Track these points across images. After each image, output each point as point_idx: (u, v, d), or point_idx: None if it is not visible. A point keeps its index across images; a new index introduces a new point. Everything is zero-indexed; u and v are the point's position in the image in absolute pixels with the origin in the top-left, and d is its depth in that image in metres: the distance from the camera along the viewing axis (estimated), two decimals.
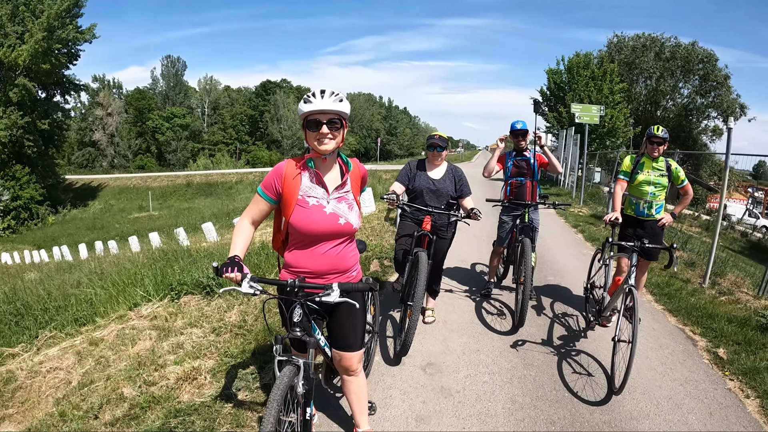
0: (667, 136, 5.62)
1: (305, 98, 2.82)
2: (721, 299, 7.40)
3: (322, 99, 2.78)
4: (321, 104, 2.77)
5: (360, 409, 3.47)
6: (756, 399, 4.59)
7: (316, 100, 2.78)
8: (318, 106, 2.77)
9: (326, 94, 2.80)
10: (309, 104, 2.78)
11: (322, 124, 2.80)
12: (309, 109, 2.78)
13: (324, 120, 2.80)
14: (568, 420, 4.10)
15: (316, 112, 2.79)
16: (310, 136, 2.85)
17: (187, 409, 3.96)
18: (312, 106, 2.77)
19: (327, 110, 2.79)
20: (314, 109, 2.78)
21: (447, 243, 5.63)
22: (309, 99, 2.80)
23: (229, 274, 2.70)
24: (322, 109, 2.78)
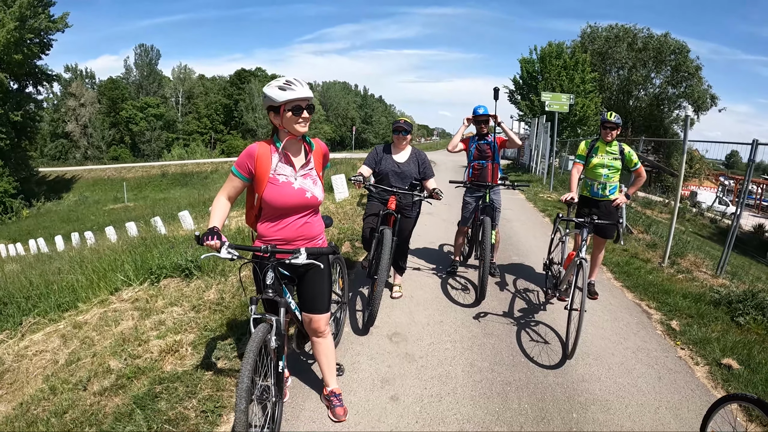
0: (619, 122, 6.03)
1: (281, 86, 3.12)
2: (679, 277, 7.88)
3: (302, 87, 3.13)
4: (302, 92, 3.11)
5: (329, 370, 3.84)
6: (705, 366, 5.00)
7: (297, 88, 3.11)
8: (300, 93, 3.11)
9: (302, 83, 3.15)
10: (291, 92, 3.10)
11: (302, 109, 3.15)
12: (292, 96, 3.10)
13: (304, 105, 3.15)
14: (524, 381, 4.49)
15: (298, 99, 3.13)
16: (290, 119, 3.17)
17: (171, 378, 4.25)
18: (296, 94, 3.10)
19: (306, 97, 3.14)
20: (297, 96, 3.10)
21: (412, 222, 6.01)
22: (289, 87, 3.12)
23: (209, 242, 3.03)
24: (303, 96, 3.12)
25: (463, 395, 4.21)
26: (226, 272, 7.01)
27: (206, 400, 3.93)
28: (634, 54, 47.78)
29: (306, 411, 3.86)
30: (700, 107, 48.13)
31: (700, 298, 6.83)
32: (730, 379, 4.71)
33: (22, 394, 4.83)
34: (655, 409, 4.19)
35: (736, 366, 4.95)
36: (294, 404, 3.93)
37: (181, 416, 3.73)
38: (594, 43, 48.06)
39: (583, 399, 4.28)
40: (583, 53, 35.96)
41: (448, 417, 3.89)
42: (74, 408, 4.01)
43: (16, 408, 4.50)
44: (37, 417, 4.05)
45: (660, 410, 4.17)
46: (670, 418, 4.07)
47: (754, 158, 7.96)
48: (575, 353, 4.80)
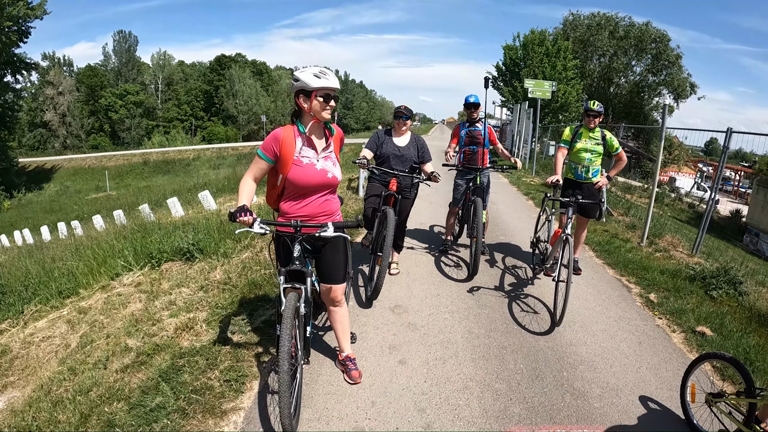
0: (602, 110, 6.38)
1: (316, 74, 3.41)
2: (657, 255, 8.33)
3: (334, 78, 3.46)
4: (334, 82, 3.44)
5: (344, 336, 4.17)
6: (681, 333, 5.46)
7: (331, 78, 3.43)
8: (333, 83, 3.43)
9: (333, 75, 3.47)
10: (325, 80, 3.40)
11: (331, 98, 3.46)
12: (325, 85, 3.41)
13: (333, 94, 3.47)
14: (517, 345, 4.90)
15: (329, 89, 3.44)
16: (319, 105, 3.47)
17: (190, 352, 4.49)
18: (328, 83, 3.41)
19: (336, 87, 3.46)
20: (330, 85, 3.42)
21: (410, 202, 6.39)
22: (323, 76, 3.42)
23: (243, 218, 3.31)
24: (334, 87, 3.44)
25: (464, 358, 4.59)
26: (228, 254, 7.24)
27: (228, 370, 4.19)
28: (616, 42, 48.30)
29: (323, 375, 4.19)
30: (679, 95, 48.82)
31: (676, 274, 7.28)
32: (704, 345, 5.15)
33: (38, 378, 4.93)
34: (636, 368, 4.62)
35: (709, 333, 5.40)
36: (311, 370, 4.24)
37: (206, 386, 3.99)
38: (576, 31, 48.49)
39: (572, 360, 4.69)
40: (565, 41, 36.32)
41: (452, 376, 4.27)
42: (98, 386, 4.16)
43: (36, 390, 4.58)
44: (62, 396, 4.17)
45: (641, 369, 4.60)
46: (650, 376, 4.50)
47: (728, 146, 8.38)
48: (563, 321, 5.23)
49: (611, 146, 6.58)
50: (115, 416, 3.64)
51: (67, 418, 3.76)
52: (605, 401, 4.06)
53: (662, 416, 3.96)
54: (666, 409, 4.04)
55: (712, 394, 3.69)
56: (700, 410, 3.77)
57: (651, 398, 4.16)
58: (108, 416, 3.67)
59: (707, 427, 3.70)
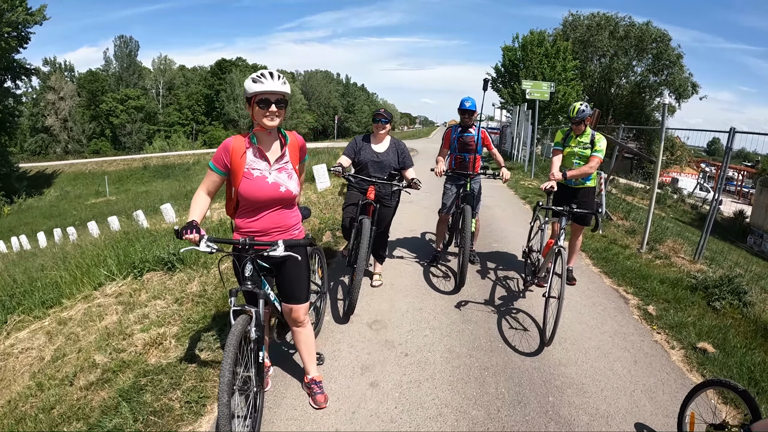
0: (584, 115, 6.09)
1: (254, 78, 3.19)
2: (657, 263, 8.04)
3: (272, 80, 3.17)
4: (271, 85, 3.15)
5: (309, 358, 3.94)
6: (681, 350, 5.13)
7: (267, 81, 3.16)
8: (269, 87, 3.15)
9: (275, 77, 3.19)
10: (260, 84, 3.15)
11: (271, 103, 3.19)
12: (260, 89, 3.15)
13: (273, 99, 3.19)
14: (501, 366, 4.61)
15: (267, 92, 3.17)
16: (259, 113, 3.22)
17: (155, 370, 4.31)
18: (263, 87, 3.15)
19: (276, 91, 3.18)
20: (265, 89, 3.15)
21: (391, 211, 6.10)
22: (259, 79, 3.17)
23: (188, 236, 3.10)
24: (272, 90, 3.16)
25: (441, 380, 4.31)
26: (208, 265, 7.06)
27: (190, 390, 4.00)
28: (616, 42, 48.20)
29: (287, 399, 3.95)
30: (681, 95, 48.73)
31: (677, 283, 6.96)
32: (705, 363, 4.82)
33: (10, 392, 4.87)
34: (630, 392, 4.30)
35: (711, 350, 5.06)
36: (276, 393, 4.01)
37: (166, 407, 3.80)
38: (576, 31, 48.37)
39: (560, 383, 4.39)
40: (565, 41, 36.11)
41: (426, 402, 3.99)
42: (61, 403, 4.06)
43: (4, 406, 4.53)
44: (26, 414, 4.10)
45: (635, 393, 4.29)
46: (645, 400, 4.18)
47: (731, 146, 8.11)
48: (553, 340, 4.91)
49: (593, 147, 6.24)
50: None
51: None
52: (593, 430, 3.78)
53: None
54: None
55: (714, 425, 3.37)
56: None
57: (645, 426, 3.87)
58: None
59: None
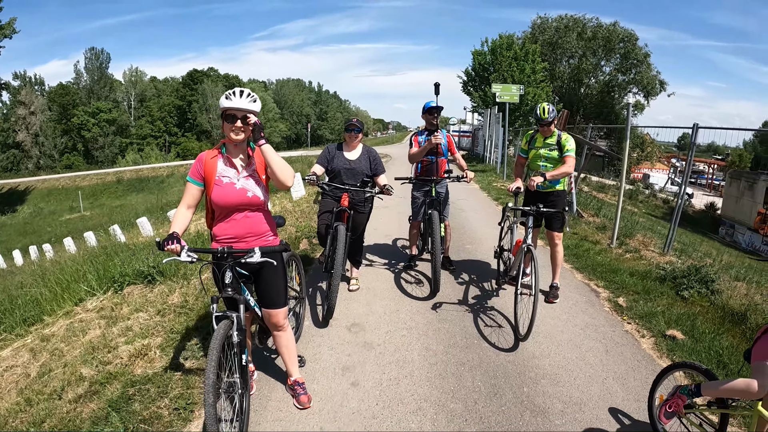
0: (552, 117, 6.11)
1: (226, 95, 3.43)
2: (627, 257, 8.32)
3: (240, 98, 3.40)
4: (238, 103, 3.39)
5: (291, 360, 4.11)
6: (651, 338, 5.39)
7: (234, 98, 3.40)
8: (235, 104, 3.39)
9: (243, 95, 3.42)
10: (229, 101, 3.40)
11: (237, 119, 3.42)
12: (228, 105, 3.41)
13: (239, 116, 3.42)
14: (477, 361, 4.81)
15: (234, 109, 3.40)
16: (226, 126, 3.47)
17: (142, 380, 4.42)
18: (231, 104, 3.39)
19: (242, 108, 3.40)
20: (232, 106, 3.39)
21: (365, 217, 6.30)
22: (229, 96, 3.41)
23: (169, 246, 3.27)
24: (238, 107, 3.40)
25: (419, 377, 4.50)
26: (188, 276, 7.15)
27: (178, 398, 4.13)
28: (584, 43, 49.06)
29: (272, 401, 4.10)
30: (649, 93, 49.74)
31: (646, 275, 7.25)
32: (675, 349, 5.06)
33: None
34: (602, 379, 4.52)
35: (680, 336, 5.33)
36: (261, 396, 4.16)
37: (155, 415, 3.92)
38: (544, 34, 49.13)
39: (534, 374, 4.60)
40: (534, 44, 36.66)
41: (406, 398, 4.18)
42: (51, 417, 4.12)
43: None
44: (17, 429, 4.15)
45: (607, 380, 4.51)
46: (617, 387, 4.40)
47: (695, 141, 8.42)
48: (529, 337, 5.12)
49: (562, 148, 6.21)
50: None
51: None
52: (567, 417, 3.98)
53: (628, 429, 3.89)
54: (634, 422, 3.96)
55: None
56: (670, 423, 3.67)
57: (617, 410, 4.08)
58: None
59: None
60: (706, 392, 3.23)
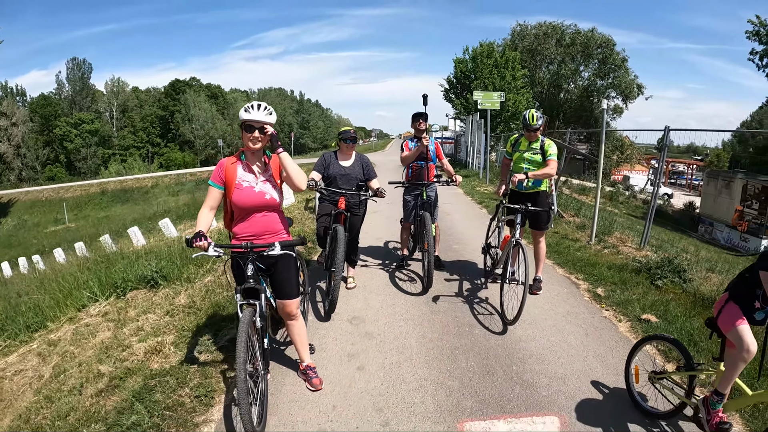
0: (539, 125, 6.53)
1: (245, 108, 3.87)
2: (605, 252, 8.82)
3: (258, 111, 3.83)
4: (256, 116, 3.82)
5: (303, 347, 4.51)
6: (627, 322, 5.90)
7: (253, 111, 3.83)
8: (254, 116, 3.82)
9: (261, 108, 3.86)
10: (248, 114, 3.82)
11: (255, 129, 3.85)
12: (247, 118, 3.83)
13: (257, 126, 3.85)
14: (469, 345, 5.28)
15: (252, 121, 3.83)
16: (245, 136, 3.89)
17: (161, 373, 4.74)
18: (249, 116, 3.82)
19: (259, 120, 3.83)
20: (251, 118, 3.82)
21: (360, 219, 6.74)
22: (248, 110, 3.84)
23: (198, 243, 3.69)
24: (256, 119, 3.82)
25: (418, 360, 4.94)
26: (191, 279, 7.49)
27: (197, 387, 4.47)
28: (563, 49, 50.09)
29: (286, 386, 4.49)
30: (627, 96, 50.85)
31: (623, 267, 7.76)
32: (649, 331, 5.54)
33: (15, 409, 5.04)
34: (583, 358, 5.01)
35: (654, 320, 5.84)
36: (275, 381, 4.54)
37: (178, 403, 4.26)
38: (524, 41, 50.08)
39: (521, 355, 5.07)
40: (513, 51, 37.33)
41: (408, 378, 4.61)
42: (75, 411, 4.36)
43: (15, 419, 4.73)
44: (41, 423, 4.36)
45: (588, 358, 4.99)
46: (597, 364, 4.89)
47: (667, 143, 8.92)
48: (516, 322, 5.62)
49: (545, 153, 6.56)
50: None
51: None
52: (553, 389, 4.43)
53: (608, 398, 4.34)
54: (612, 391, 4.41)
55: (655, 373, 4.10)
56: (645, 389, 4.19)
57: (598, 383, 4.54)
58: None
59: (651, 404, 4.11)
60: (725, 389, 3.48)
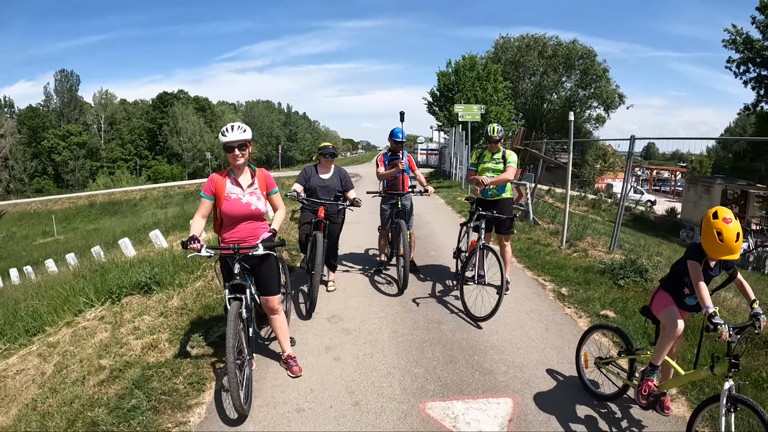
0: (501, 136, 7.15)
1: (222, 132, 4.41)
2: (574, 256, 9.44)
3: (232, 132, 4.38)
4: (231, 136, 4.37)
5: (284, 339, 5.08)
6: (587, 318, 6.49)
7: (228, 133, 4.37)
8: (229, 137, 4.37)
9: (234, 129, 4.41)
10: (226, 137, 4.37)
11: (234, 148, 4.40)
12: (225, 140, 4.38)
13: (235, 145, 4.40)
14: (436, 339, 5.86)
15: (229, 142, 4.38)
16: (228, 156, 4.46)
17: (157, 365, 5.25)
18: (227, 138, 4.37)
19: (235, 140, 4.38)
20: (228, 140, 4.37)
21: (338, 227, 7.36)
22: (224, 133, 4.38)
23: (192, 245, 4.24)
24: (232, 140, 4.37)
25: (389, 352, 5.53)
26: (183, 284, 7.94)
27: (190, 375, 5.00)
28: (545, 61, 51.08)
29: (270, 374, 5.05)
30: (609, 106, 51.80)
31: (589, 269, 8.37)
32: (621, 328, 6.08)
33: (21, 401, 5.42)
34: (541, 349, 5.60)
35: (612, 315, 6.43)
36: (260, 370, 5.08)
37: (173, 389, 4.78)
38: (507, 53, 51.00)
39: (483, 347, 5.65)
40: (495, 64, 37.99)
41: (378, 366, 5.19)
42: (79, 398, 4.81)
43: (22, 409, 5.13)
44: (48, 410, 4.80)
45: (546, 350, 5.58)
46: (553, 354, 5.47)
47: (632, 151, 9.54)
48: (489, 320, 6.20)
49: (506, 161, 7.11)
50: (98, 418, 4.35)
51: (55, 424, 4.42)
52: (510, 375, 5.00)
53: (561, 383, 4.90)
54: (566, 378, 4.97)
55: (600, 359, 4.68)
56: (593, 374, 4.75)
57: (553, 371, 5.11)
58: (92, 419, 4.36)
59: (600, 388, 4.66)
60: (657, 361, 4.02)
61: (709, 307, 3.46)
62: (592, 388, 4.69)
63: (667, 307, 3.95)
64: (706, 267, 3.71)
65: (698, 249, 3.69)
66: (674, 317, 3.87)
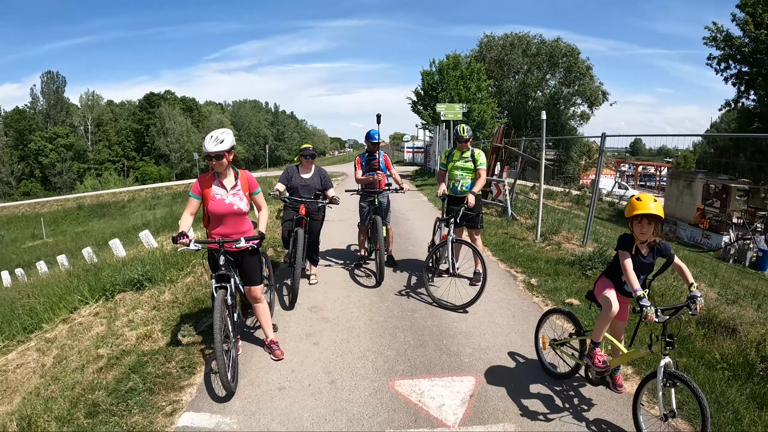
0: (470, 136, 7.61)
1: (205, 142, 4.82)
2: (547, 249, 9.92)
3: (209, 144, 4.79)
4: (209, 148, 4.78)
5: (267, 325, 5.58)
6: (553, 306, 6.86)
7: (207, 144, 4.78)
8: (207, 149, 4.79)
9: (211, 140, 4.81)
10: (204, 148, 4.80)
11: (212, 158, 4.84)
12: (205, 152, 4.81)
13: (212, 155, 4.82)
14: (408, 325, 6.35)
15: (207, 153, 4.82)
16: (208, 163, 4.89)
17: (151, 353, 5.71)
18: (205, 149, 4.79)
19: (211, 152, 4.80)
20: (206, 150, 4.80)
21: (319, 223, 7.84)
22: (205, 143, 4.79)
23: (182, 240, 4.69)
24: (209, 151, 4.80)
25: (364, 337, 6.03)
26: (174, 280, 8.40)
27: (182, 361, 5.46)
28: (529, 59, 51.77)
29: (254, 358, 5.52)
30: (593, 103, 52.52)
31: (560, 261, 8.87)
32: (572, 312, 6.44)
33: (23, 391, 5.78)
34: (506, 334, 6.08)
35: (576, 303, 6.89)
36: (245, 354, 5.56)
37: (167, 372, 5.24)
38: (491, 51, 51.61)
39: (452, 332, 6.14)
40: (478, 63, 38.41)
41: (354, 349, 5.69)
42: (80, 384, 5.20)
43: (26, 397, 5.47)
44: (51, 395, 5.17)
45: (510, 335, 6.06)
46: (518, 338, 5.95)
47: (603, 148, 9.95)
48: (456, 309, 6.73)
49: (476, 161, 7.53)
50: (99, 399, 4.78)
51: (59, 406, 4.82)
52: (474, 357, 5.48)
53: (522, 364, 5.37)
54: (526, 359, 5.45)
55: (555, 340, 5.14)
56: (549, 355, 5.22)
57: (515, 353, 5.58)
58: (92, 400, 4.80)
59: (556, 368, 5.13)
60: (596, 338, 4.51)
61: (636, 290, 3.93)
62: (550, 368, 5.16)
63: (606, 291, 4.42)
64: (638, 255, 4.17)
65: (627, 239, 4.18)
66: (609, 300, 4.34)
